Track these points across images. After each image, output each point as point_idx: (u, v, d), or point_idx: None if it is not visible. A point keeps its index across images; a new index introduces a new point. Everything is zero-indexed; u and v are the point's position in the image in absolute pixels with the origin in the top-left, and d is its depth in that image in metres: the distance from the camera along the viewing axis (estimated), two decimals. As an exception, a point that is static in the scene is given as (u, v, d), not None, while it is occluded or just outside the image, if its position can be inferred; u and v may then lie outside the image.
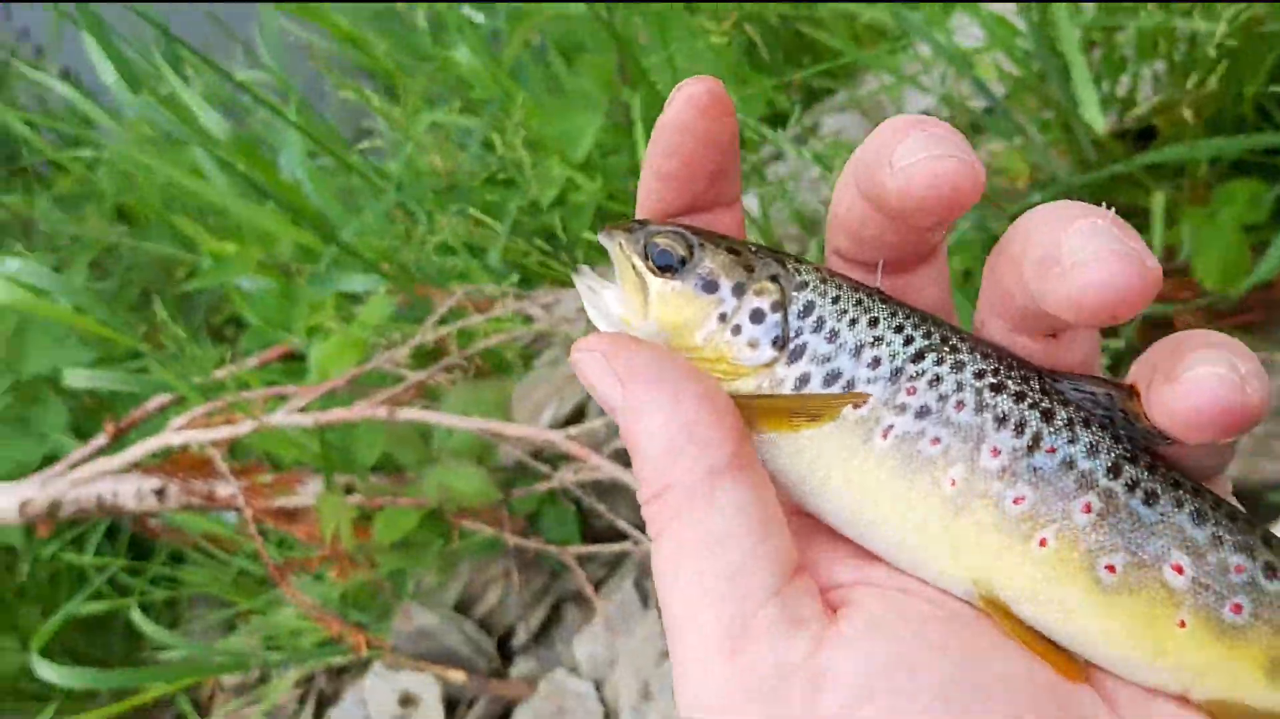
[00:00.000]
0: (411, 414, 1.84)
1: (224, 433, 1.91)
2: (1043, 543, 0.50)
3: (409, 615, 2.16)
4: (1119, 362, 1.81)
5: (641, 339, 0.54)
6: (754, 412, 0.53)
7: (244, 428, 1.88)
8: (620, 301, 0.56)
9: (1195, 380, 0.44)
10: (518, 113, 1.75)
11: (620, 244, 0.56)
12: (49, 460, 2.30)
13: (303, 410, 1.92)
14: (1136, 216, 1.71)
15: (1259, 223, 1.60)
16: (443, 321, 1.85)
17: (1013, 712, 0.47)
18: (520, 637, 2.15)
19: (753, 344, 0.53)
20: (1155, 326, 1.81)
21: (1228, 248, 1.59)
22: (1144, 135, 1.74)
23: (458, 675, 2.11)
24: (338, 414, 1.86)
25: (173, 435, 1.95)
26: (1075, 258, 0.44)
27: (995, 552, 0.50)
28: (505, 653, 2.16)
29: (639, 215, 0.57)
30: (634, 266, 0.55)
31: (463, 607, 2.21)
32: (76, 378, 2.11)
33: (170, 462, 2.09)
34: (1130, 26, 1.61)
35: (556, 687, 2.01)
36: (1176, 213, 1.65)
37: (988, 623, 0.51)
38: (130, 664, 2.53)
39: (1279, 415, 1.70)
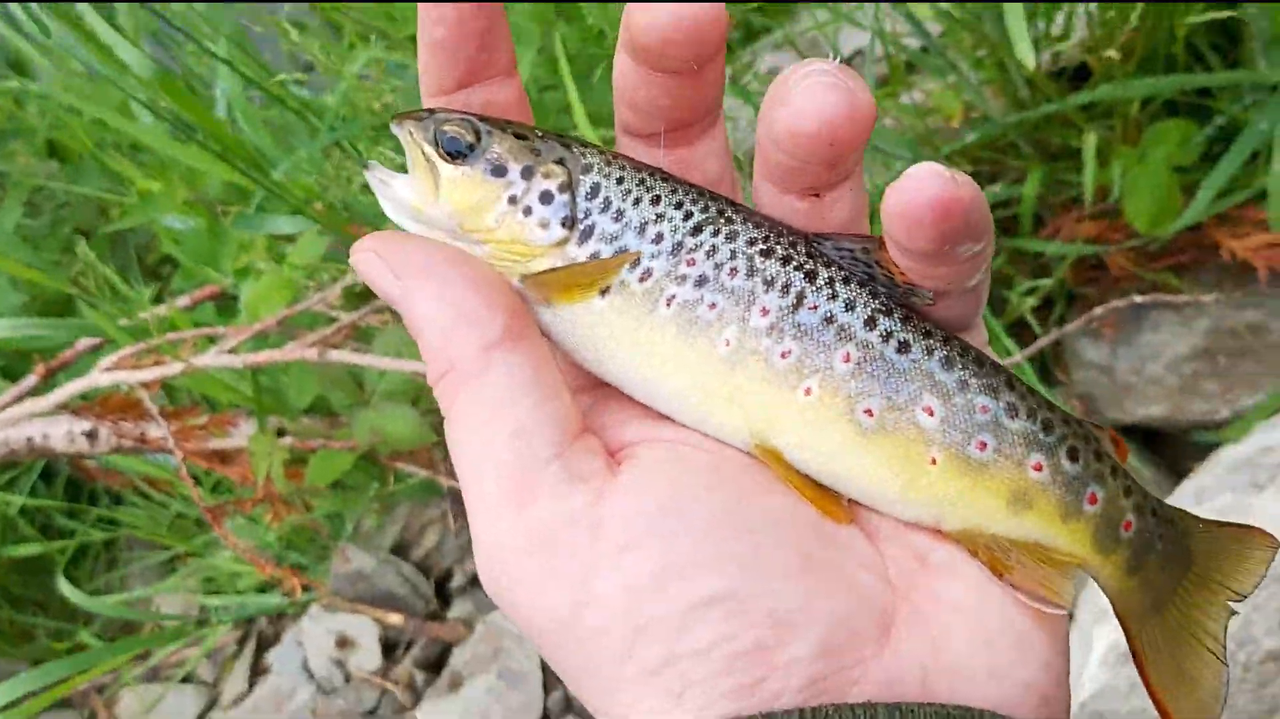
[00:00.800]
0: (343, 356, 1.81)
1: (152, 373, 1.87)
2: (808, 391, 0.54)
3: (346, 558, 2.15)
4: (1052, 301, 1.81)
5: (410, 234, 0.57)
6: (548, 288, 0.56)
7: (172, 369, 1.85)
8: (412, 189, 0.58)
9: (909, 176, 0.48)
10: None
11: (410, 132, 0.58)
12: (-22, 403, 2.25)
13: (233, 351, 1.89)
14: (1069, 157, 1.71)
15: (1189, 164, 1.60)
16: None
17: (777, 545, 0.51)
18: (458, 579, 2.15)
19: (543, 225, 0.56)
20: (1090, 268, 1.81)
21: (1158, 189, 1.59)
22: (1078, 77, 1.73)
23: (395, 618, 2.11)
24: (267, 355, 1.83)
25: (100, 376, 1.91)
26: (794, 91, 0.48)
27: (767, 402, 0.54)
28: (443, 595, 2.16)
29: (424, 98, 0.58)
30: (424, 154, 0.57)
31: (400, 549, 2.21)
32: (-4, 327, 2.07)
33: (100, 403, 2.06)
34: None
35: (494, 628, 2.01)
36: (1109, 153, 1.65)
37: (761, 470, 0.55)
38: (68, 609, 2.50)
39: (1206, 356, 1.71)
